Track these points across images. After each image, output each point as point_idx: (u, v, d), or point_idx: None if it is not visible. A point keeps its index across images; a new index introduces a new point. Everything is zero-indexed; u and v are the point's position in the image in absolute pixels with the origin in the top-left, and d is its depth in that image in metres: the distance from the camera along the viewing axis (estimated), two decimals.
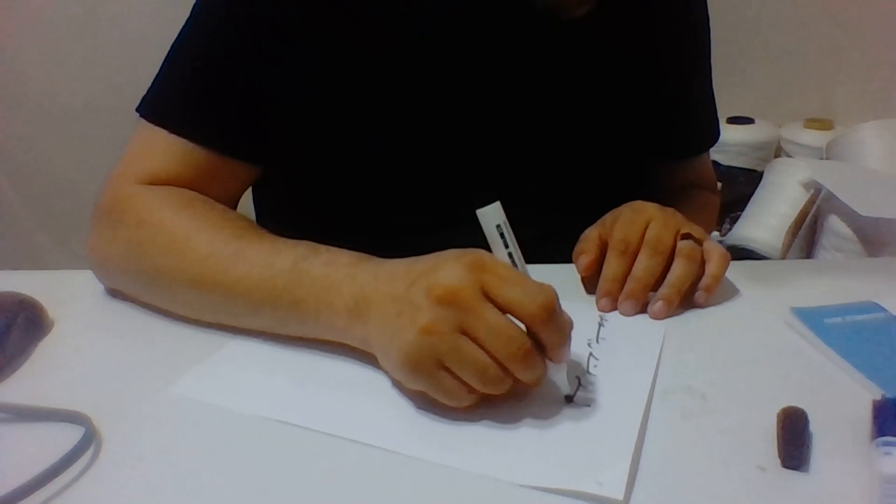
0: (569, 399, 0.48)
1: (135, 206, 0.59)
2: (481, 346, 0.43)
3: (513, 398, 0.46)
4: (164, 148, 0.61)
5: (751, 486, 0.41)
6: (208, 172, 0.61)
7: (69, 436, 0.43)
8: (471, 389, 0.44)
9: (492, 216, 0.47)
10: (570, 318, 0.46)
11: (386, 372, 0.49)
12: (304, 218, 0.66)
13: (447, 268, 0.45)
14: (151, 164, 0.61)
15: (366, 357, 0.50)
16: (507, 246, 0.47)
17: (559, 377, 0.48)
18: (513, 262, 0.47)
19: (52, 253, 1.74)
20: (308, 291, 0.51)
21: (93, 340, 0.56)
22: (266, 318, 0.54)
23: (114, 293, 0.61)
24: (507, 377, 0.44)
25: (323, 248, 0.54)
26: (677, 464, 0.42)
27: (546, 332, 0.44)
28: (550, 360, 0.46)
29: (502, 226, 0.47)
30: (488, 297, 0.44)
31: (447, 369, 0.44)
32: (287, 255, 0.53)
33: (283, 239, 0.56)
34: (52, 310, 0.58)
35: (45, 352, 0.54)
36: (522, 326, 0.44)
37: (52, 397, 0.47)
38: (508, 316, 0.44)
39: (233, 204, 0.65)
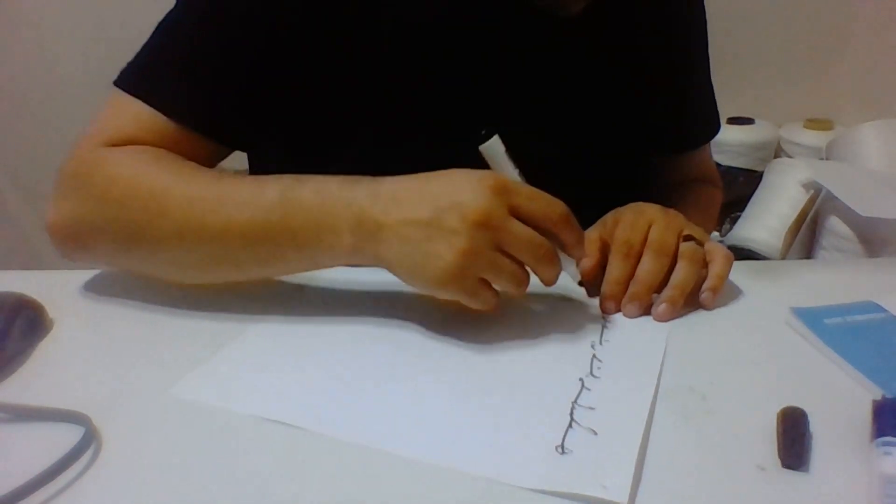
0: (581, 284, 0.58)
1: (104, 165, 0.58)
2: (514, 257, 0.50)
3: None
4: (133, 116, 0.60)
5: (751, 486, 0.41)
6: (174, 143, 0.61)
7: (69, 436, 0.43)
8: (496, 294, 0.51)
9: (496, 146, 0.53)
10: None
11: (407, 284, 0.52)
12: None
13: (474, 192, 0.49)
14: (119, 129, 0.61)
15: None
16: (516, 168, 0.54)
17: (570, 270, 0.56)
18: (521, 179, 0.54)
19: (52, 253, 1.74)
20: (305, 220, 0.52)
21: (93, 340, 0.56)
22: (260, 255, 0.54)
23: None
24: (529, 278, 0.52)
25: (307, 176, 0.54)
26: (677, 464, 0.42)
27: (567, 233, 0.52)
28: (570, 255, 0.54)
29: (507, 152, 0.53)
30: (515, 214, 0.50)
31: (482, 281, 0.50)
32: (273, 189, 0.53)
33: (264, 175, 0.56)
34: (52, 310, 0.58)
35: (45, 352, 0.54)
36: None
37: (52, 397, 0.47)
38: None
39: None
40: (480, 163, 0.67)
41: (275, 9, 0.61)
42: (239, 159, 0.73)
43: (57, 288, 0.61)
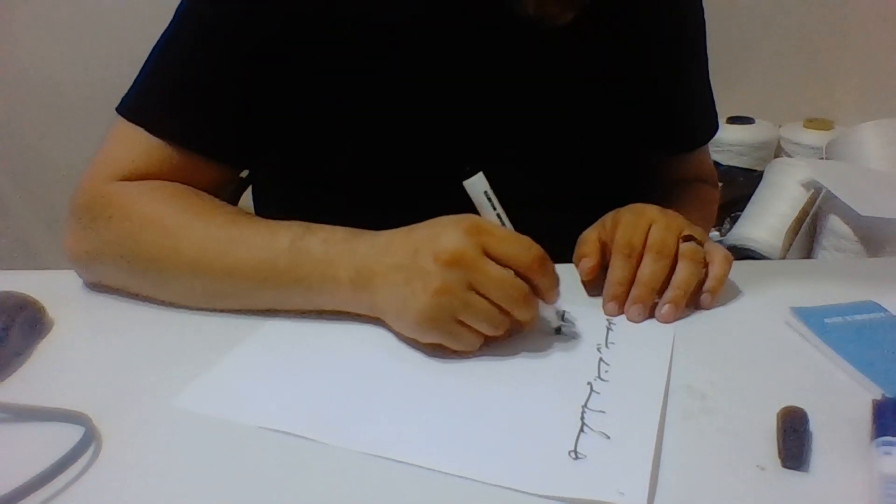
0: (557, 331, 0.55)
1: (119, 200, 0.60)
2: (488, 297, 0.50)
3: (507, 336, 0.53)
4: (139, 146, 0.61)
5: (751, 486, 0.41)
6: (183, 170, 0.62)
7: (69, 436, 0.43)
8: (479, 336, 0.51)
9: (479, 184, 0.53)
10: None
11: (395, 331, 0.54)
12: (301, 214, 0.67)
13: (448, 234, 0.50)
14: (127, 162, 0.61)
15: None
16: (494, 208, 0.54)
17: (548, 313, 0.55)
18: (501, 222, 0.54)
19: (52, 253, 1.74)
20: (311, 268, 0.54)
21: (93, 340, 0.56)
22: (268, 295, 0.56)
23: (99, 287, 0.62)
24: (508, 320, 0.51)
25: (316, 226, 0.57)
26: (677, 464, 0.42)
27: (540, 278, 0.51)
28: (544, 301, 0.53)
29: (489, 191, 0.53)
30: (488, 255, 0.50)
31: (459, 321, 0.50)
32: (284, 236, 0.56)
33: (276, 220, 0.58)
34: (52, 310, 0.58)
35: (45, 352, 0.54)
36: None
37: (52, 397, 0.47)
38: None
39: None
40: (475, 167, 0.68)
41: (264, 26, 0.62)
42: None
43: (57, 288, 0.61)
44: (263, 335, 0.55)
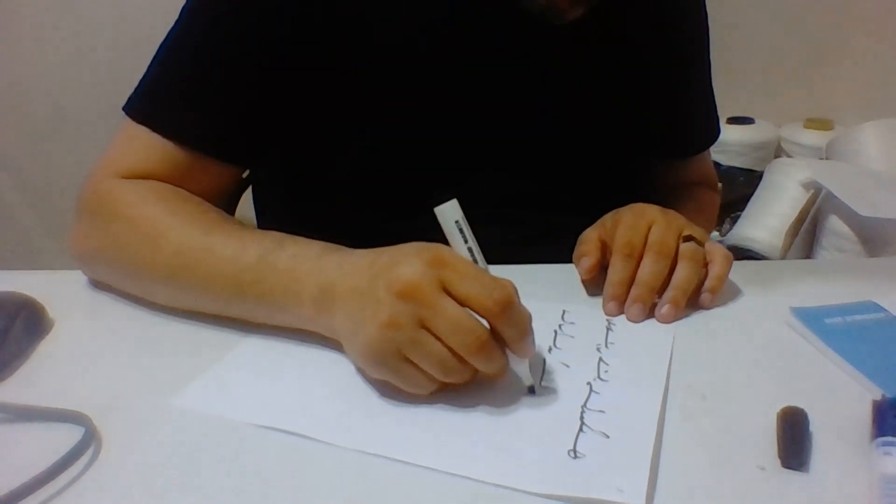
0: (531, 391, 0.48)
1: (113, 198, 0.60)
2: (440, 339, 0.44)
3: (477, 387, 0.48)
4: (145, 145, 0.62)
5: (751, 486, 0.41)
6: (187, 171, 0.62)
7: (69, 436, 0.43)
8: (432, 378, 0.46)
9: (450, 213, 0.47)
10: (528, 312, 0.47)
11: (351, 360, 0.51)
12: (301, 214, 0.67)
13: (407, 263, 0.46)
14: (132, 161, 0.62)
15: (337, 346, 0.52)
16: (465, 241, 0.48)
17: (521, 369, 0.48)
18: (472, 257, 0.48)
19: (52, 253, 1.74)
20: (274, 285, 0.52)
21: (93, 340, 0.56)
22: (237, 308, 0.55)
23: (100, 285, 0.62)
24: (466, 367, 0.45)
25: (290, 239, 0.55)
26: (677, 463, 0.42)
27: (503, 325, 0.45)
28: (512, 352, 0.47)
29: (461, 221, 0.47)
30: (447, 292, 0.45)
31: (409, 360, 0.45)
32: (254, 250, 0.54)
33: (252, 232, 0.57)
34: (52, 310, 0.58)
35: (45, 352, 0.54)
36: (484, 321, 0.45)
37: (52, 397, 0.47)
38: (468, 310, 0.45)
39: (213, 201, 0.65)
40: (476, 164, 0.68)
41: (271, 26, 0.62)
42: None
43: (57, 288, 0.61)
44: (263, 335, 0.55)
